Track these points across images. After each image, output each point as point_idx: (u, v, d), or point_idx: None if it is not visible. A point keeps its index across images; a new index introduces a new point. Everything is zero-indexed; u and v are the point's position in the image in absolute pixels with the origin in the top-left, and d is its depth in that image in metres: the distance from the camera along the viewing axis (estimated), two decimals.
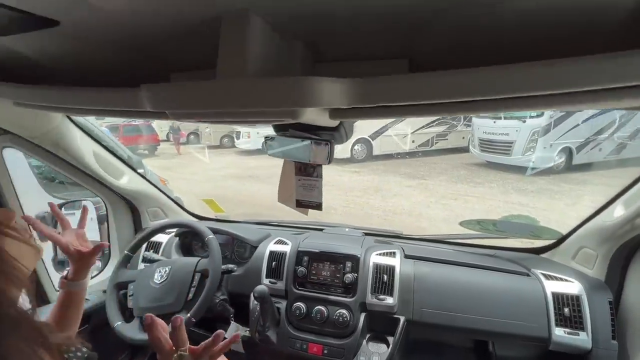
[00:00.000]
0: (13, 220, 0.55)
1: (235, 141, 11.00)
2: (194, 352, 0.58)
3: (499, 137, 6.84)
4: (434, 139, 8.78)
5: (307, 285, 1.15)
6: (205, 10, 0.52)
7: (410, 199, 5.76)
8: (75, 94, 0.63)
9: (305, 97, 0.49)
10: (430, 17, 0.51)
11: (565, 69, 0.39)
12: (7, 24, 0.58)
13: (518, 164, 6.54)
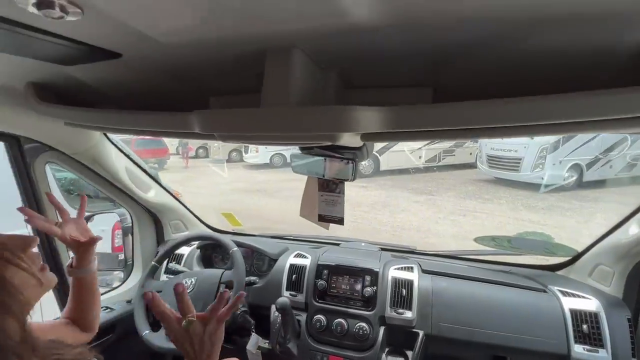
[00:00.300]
0: (31, 247, 0.54)
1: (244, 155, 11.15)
2: (202, 317, 0.61)
3: (506, 154, 6.84)
4: (441, 155, 8.81)
5: (327, 298, 1.18)
6: (253, 46, 0.59)
7: (418, 214, 5.75)
8: (133, 117, 0.71)
9: (345, 124, 0.55)
10: (454, 53, 0.57)
11: (573, 102, 0.45)
12: (75, 55, 0.66)
13: (527, 180, 6.51)
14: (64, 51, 0.62)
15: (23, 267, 0.50)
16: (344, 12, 0.44)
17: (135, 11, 0.46)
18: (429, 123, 0.56)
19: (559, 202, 5.84)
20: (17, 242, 0.53)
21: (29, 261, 0.52)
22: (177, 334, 0.60)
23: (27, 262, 0.52)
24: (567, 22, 0.44)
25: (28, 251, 0.53)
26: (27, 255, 0.53)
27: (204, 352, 0.59)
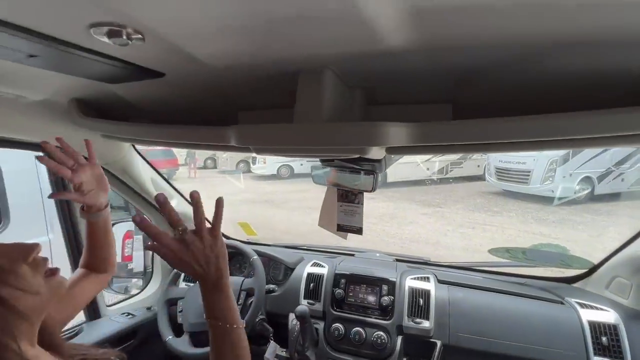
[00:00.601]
0: (32, 255, 0.51)
1: (251, 166, 11.26)
2: (194, 231, 0.60)
3: (515, 166, 6.81)
4: (448, 167, 8.80)
5: (345, 307, 1.20)
6: (287, 67, 0.64)
7: (427, 226, 5.72)
8: (174, 130, 0.76)
9: (374, 138, 0.59)
10: (473, 73, 0.62)
11: (584, 120, 0.50)
12: (122, 75, 0.72)
13: (537, 193, 6.46)
14: (112, 71, 0.68)
15: (16, 286, 0.47)
16: (380, 39, 0.49)
17: (191, 37, 0.52)
18: (449, 138, 0.61)
19: (570, 215, 5.77)
20: (16, 253, 0.49)
21: (31, 271, 0.50)
22: (179, 253, 0.57)
23: (27, 273, 0.49)
24: (579, 46, 0.48)
25: (30, 259, 0.50)
26: (32, 263, 0.50)
27: (211, 266, 0.58)
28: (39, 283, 0.50)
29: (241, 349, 0.60)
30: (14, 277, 0.47)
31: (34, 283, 0.49)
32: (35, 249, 0.51)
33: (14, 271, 0.48)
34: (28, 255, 0.50)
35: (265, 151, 0.71)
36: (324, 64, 0.63)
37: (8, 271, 0.47)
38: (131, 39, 0.50)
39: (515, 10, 0.40)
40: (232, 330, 0.59)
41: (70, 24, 0.47)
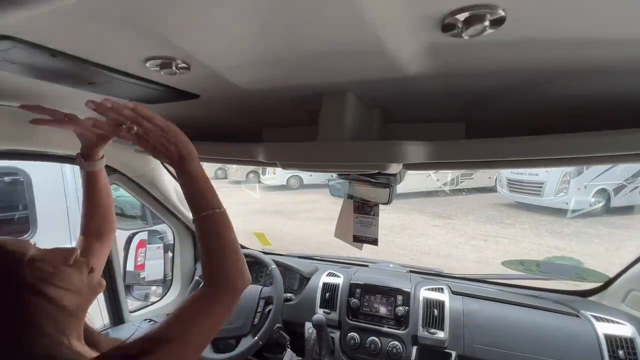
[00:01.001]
0: (71, 258, 0.55)
1: (261, 177, 11.37)
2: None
3: (528, 178, 6.72)
4: (459, 178, 8.73)
5: (360, 316, 1.23)
6: (312, 90, 0.70)
7: (437, 238, 5.67)
8: (207, 146, 0.83)
9: (393, 156, 0.65)
10: (484, 95, 0.67)
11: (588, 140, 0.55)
12: (161, 97, 0.79)
13: (550, 205, 6.34)
14: (154, 93, 0.75)
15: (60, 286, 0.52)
16: (399, 69, 0.55)
17: (231, 67, 0.59)
18: (463, 156, 0.66)
19: (585, 228, 5.64)
20: (57, 257, 0.54)
21: (74, 272, 0.55)
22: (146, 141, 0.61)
23: (70, 274, 0.54)
24: (582, 74, 0.53)
25: (71, 261, 0.55)
26: (74, 264, 0.55)
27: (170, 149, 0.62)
28: (81, 281, 0.55)
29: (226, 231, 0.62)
30: (60, 278, 0.52)
31: (77, 282, 0.55)
32: (75, 252, 0.57)
33: (59, 273, 0.53)
34: (69, 257, 0.56)
35: (291, 167, 0.77)
36: (346, 88, 0.69)
37: (53, 274, 0.52)
38: (179, 69, 0.57)
39: (520, 44, 0.45)
40: (214, 215, 0.61)
41: (129, 57, 0.54)
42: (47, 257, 0.54)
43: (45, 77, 0.59)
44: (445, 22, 0.39)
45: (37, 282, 0.50)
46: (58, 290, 0.52)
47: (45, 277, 0.51)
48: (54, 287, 0.51)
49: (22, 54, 0.49)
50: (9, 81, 0.64)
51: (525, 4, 0.35)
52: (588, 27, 0.39)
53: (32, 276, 0.50)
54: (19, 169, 2.24)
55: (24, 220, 2.25)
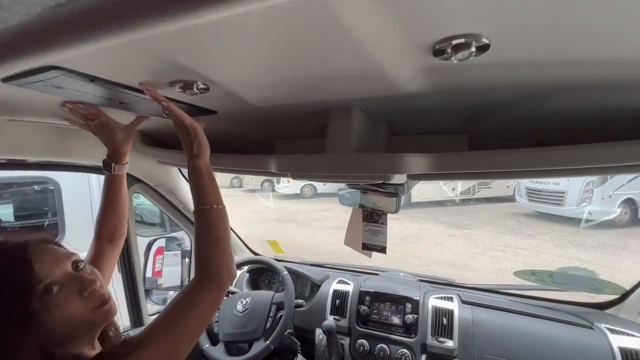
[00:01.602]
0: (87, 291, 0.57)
1: (275, 185, 11.49)
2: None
3: (548, 187, 6.52)
4: (475, 187, 8.56)
5: (370, 323, 1.25)
6: (320, 106, 0.75)
7: (453, 249, 5.56)
8: (223, 158, 0.89)
9: (396, 167, 0.68)
10: (486, 109, 0.70)
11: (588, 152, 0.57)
12: None
13: (573, 215, 6.11)
14: None
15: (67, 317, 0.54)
16: (398, 87, 0.59)
17: (245, 87, 0.65)
18: (466, 167, 0.69)
19: (611, 239, 5.40)
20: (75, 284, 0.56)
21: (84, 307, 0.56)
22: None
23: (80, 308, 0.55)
24: (579, 89, 0.56)
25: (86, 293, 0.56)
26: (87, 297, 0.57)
27: (193, 144, 0.72)
28: (83, 314, 0.56)
29: (219, 226, 0.67)
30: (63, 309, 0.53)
31: (78, 314, 0.55)
32: (92, 285, 0.58)
33: (67, 303, 0.54)
34: (84, 289, 0.57)
35: (301, 177, 0.82)
36: (352, 104, 0.73)
37: (61, 305, 0.53)
38: (199, 90, 0.64)
39: (509, 66, 0.48)
40: (211, 210, 0.67)
41: (156, 81, 0.61)
42: (66, 283, 0.55)
43: (84, 99, 0.67)
44: (436, 48, 0.43)
45: (41, 313, 0.51)
46: (58, 322, 0.53)
47: (52, 308, 0.52)
48: (55, 320, 0.53)
49: (66, 80, 0.56)
50: (50, 102, 0.72)
51: (507, 32, 0.39)
52: (571, 50, 0.43)
53: (40, 305, 0.51)
54: (49, 178, 2.40)
55: (53, 226, 2.39)
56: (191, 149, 0.72)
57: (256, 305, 1.27)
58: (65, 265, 0.58)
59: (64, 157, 1.08)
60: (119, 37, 0.32)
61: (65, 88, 0.60)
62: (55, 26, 0.34)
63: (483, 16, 0.36)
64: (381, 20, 0.37)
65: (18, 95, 0.66)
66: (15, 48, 0.37)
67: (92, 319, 0.58)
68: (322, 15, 0.36)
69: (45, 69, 0.51)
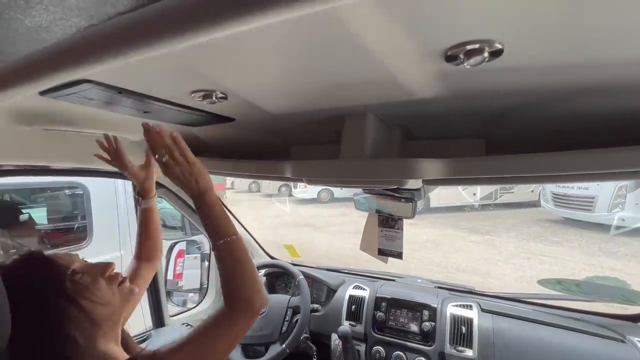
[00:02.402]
0: (107, 272, 0.63)
1: (292, 190, 11.58)
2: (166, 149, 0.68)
3: (576, 192, 6.19)
4: (497, 192, 8.27)
5: (386, 330, 1.23)
6: (335, 112, 0.76)
7: (475, 255, 5.38)
8: (242, 164, 0.92)
9: (412, 173, 0.68)
10: (503, 113, 0.69)
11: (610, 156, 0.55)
12: (202, 121, 0.89)
13: (604, 222, 5.78)
14: (197, 118, 0.85)
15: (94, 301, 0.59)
16: (412, 93, 0.59)
17: (262, 96, 0.67)
18: (483, 172, 0.68)
19: None
20: (96, 268, 0.63)
21: (106, 286, 0.62)
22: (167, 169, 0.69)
23: (104, 287, 0.62)
24: (599, 91, 0.54)
25: (107, 275, 0.63)
26: (108, 278, 0.63)
27: (192, 181, 0.68)
28: (112, 294, 0.63)
29: (243, 256, 0.66)
30: (94, 291, 0.60)
31: (108, 295, 0.62)
32: (111, 267, 0.65)
33: (95, 285, 0.60)
34: (105, 271, 0.63)
35: (316, 182, 0.83)
36: (366, 110, 0.74)
37: (90, 286, 0.60)
38: (218, 98, 0.66)
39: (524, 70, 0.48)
40: (231, 242, 0.66)
41: (178, 91, 0.64)
42: (87, 270, 0.62)
43: (111, 108, 0.71)
44: (448, 54, 0.43)
45: (74, 294, 0.57)
46: (91, 303, 0.59)
47: (82, 290, 0.58)
48: (88, 300, 0.58)
49: (96, 92, 0.60)
50: (81, 113, 0.77)
51: (520, 36, 0.39)
52: (589, 51, 0.42)
53: (71, 288, 0.57)
54: (79, 183, 2.53)
55: (82, 229, 2.51)
56: (197, 185, 0.68)
57: (272, 309, 1.28)
58: (78, 260, 0.65)
59: (91, 163, 1.14)
60: (146, 51, 0.34)
61: (95, 99, 0.64)
62: (88, 43, 0.37)
63: (495, 21, 0.36)
64: (392, 29, 0.38)
65: (53, 107, 0.72)
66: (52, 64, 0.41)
67: (120, 297, 0.64)
68: (335, 27, 0.37)
69: (77, 82, 0.55)
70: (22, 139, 0.85)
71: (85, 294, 0.58)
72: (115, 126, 0.92)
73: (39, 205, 2.67)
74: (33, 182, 2.57)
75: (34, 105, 0.71)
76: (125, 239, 2.63)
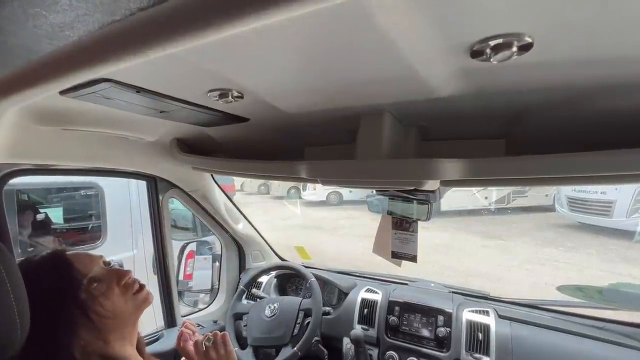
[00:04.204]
0: (124, 279, 0.65)
1: (302, 193, 11.60)
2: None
3: (593, 196, 6.01)
4: (510, 196, 8.11)
5: (399, 335, 1.21)
6: (350, 112, 0.75)
7: (488, 260, 5.28)
8: (255, 164, 0.91)
9: (429, 173, 0.66)
10: (524, 112, 0.67)
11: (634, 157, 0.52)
12: (216, 121, 0.89)
13: (623, 227, 5.59)
14: (211, 118, 0.85)
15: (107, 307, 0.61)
16: (433, 91, 0.58)
17: (278, 95, 0.66)
18: (502, 173, 0.65)
19: None
20: (113, 275, 0.65)
21: (121, 295, 0.63)
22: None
23: (118, 296, 0.63)
24: (625, 88, 0.51)
25: (122, 283, 0.65)
26: (123, 286, 0.64)
27: None
28: (124, 304, 0.64)
29: None
30: (108, 299, 0.61)
31: (121, 305, 0.63)
32: (128, 275, 0.66)
33: (109, 294, 0.62)
34: (121, 279, 0.65)
35: (331, 183, 0.82)
36: (383, 109, 0.73)
37: (104, 294, 0.61)
38: (234, 98, 0.66)
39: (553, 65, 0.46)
40: None
41: (195, 91, 0.64)
42: (104, 277, 0.63)
43: (128, 108, 0.72)
44: (474, 49, 0.42)
45: (86, 304, 0.59)
46: (99, 316, 0.60)
47: (94, 300, 0.60)
48: (97, 312, 0.60)
49: (115, 91, 0.60)
50: (99, 113, 0.78)
51: (552, 28, 0.37)
52: (625, 45, 0.40)
53: (85, 298, 0.59)
54: (95, 184, 2.58)
55: (97, 229, 2.56)
56: None
57: (284, 311, 1.27)
58: (99, 263, 0.66)
59: (109, 163, 1.16)
60: (167, 48, 0.34)
61: (113, 99, 0.65)
62: (109, 40, 0.36)
63: (526, 14, 0.35)
64: (417, 22, 0.37)
65: (72, 107, 0.72)
66: (74, 62, 0.41)
67: (133, 305, 0.65)
68: (358, 18, 0.36)
69: (96, 81, 0.55)
70: (41, 138, 0.86)
71: (96, 306, 0.60)
72: (132, 126, 0.93)
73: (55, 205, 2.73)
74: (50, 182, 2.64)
75: (54, 105, 0.72)
76: (138, 239, 2.68)
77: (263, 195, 13.54)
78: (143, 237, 2.66)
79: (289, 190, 12.71)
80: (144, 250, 2.59)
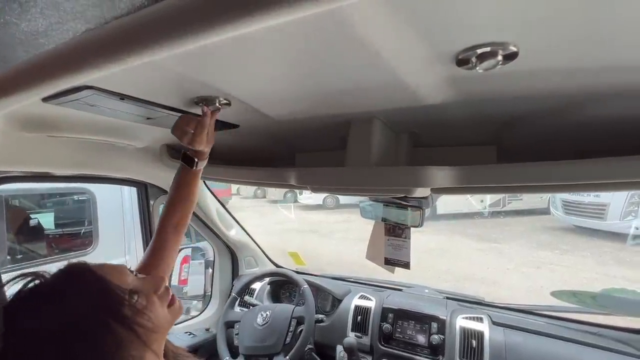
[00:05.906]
0: (161, 287, 0.60)
1: (298, 196, 11.56)
2: None
3: (588, 199, 6.06)
4: (505, 199, 8.13)
5: (393, 342, 1.19)
6: (340, 118, 0.75)
7: (483, 264, 5.28)
8: (245, 171, 0.91)
9: (420, 181, 0.66)
10: (515, 120, 0.67)
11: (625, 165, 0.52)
12: None
13: (616, 230, 5.63)
14: None
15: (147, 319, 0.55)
16: (422, 98, 0.57)
17: (265, 102, 0.65)
18: (494, 180, 0.65)
19: None
20: (149, 285, 0.60)
21: (159, 306, 0.59)
22: None
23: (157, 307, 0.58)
24: (613, 97, 0.51)
25: (160, 291, 0.60)
26: (160, 295, 0.60)
27: None
28: (163, 316, 0.59)
29: None
30: (149, 311, 0.56)
31: (162, 315, 0.58)
32: (163, 281, 0.62)
33: (150, 306, 0.57)
34: (159, 287, 0.60)
35: (321, 190, 0.81)
36: (372, 115, 0.72)
37: (145, 307, 0.56)
38: (221, 105, 0.65)
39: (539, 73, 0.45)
40: None
41: (181, 98, 0.63)
42: (142, 288, 0.58)
43: (113, 115, 0.71)
44: (459, 57, 0.41)
45: (132, 321, 0.52)
46: (149, 324, 0.55)
47: (138, 311, 0.54)
48: (143, 327, 0.54)
49: (99, 99, 0.59)
50: (85, 120, 0.77)
51: (536, 38, 0.37)
52: (605, 54, 0.40)
53: (129, 314, 0.52)
54: (86, 189, 2.55)
55: (88, 234, 2.53)
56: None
57: (276, 319, 1.26)
58: (128, 273, 0.60)
59: (98, 170, 1.14)
60: (144, 56, 0.33)
61: (98, 106, 0.63)
62: (86, 48, 0.36)
63: (510, 23, 0.34)
64: (400, 32, 0.36)
65: (57, 114, 0.71)
66: (52, 69, 0.40)
67: (171, 315, 0.61)
68: (340, 29, 0.36)
69: (79, 88, 0.54)
70: (26, 145, 0.85)
71: (141, 321, 0.54)
72: (119, 133, 0.91)
73: (47, 211, 2.69)
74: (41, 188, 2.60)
75: (37, 112, 0.71)
76: (130, 244, 2.64)
77: (259, 199, 13.47)
78: (136, 242, 2.62)
79: (285, 194, 12.65)
80: (137, 255, 2.55)
